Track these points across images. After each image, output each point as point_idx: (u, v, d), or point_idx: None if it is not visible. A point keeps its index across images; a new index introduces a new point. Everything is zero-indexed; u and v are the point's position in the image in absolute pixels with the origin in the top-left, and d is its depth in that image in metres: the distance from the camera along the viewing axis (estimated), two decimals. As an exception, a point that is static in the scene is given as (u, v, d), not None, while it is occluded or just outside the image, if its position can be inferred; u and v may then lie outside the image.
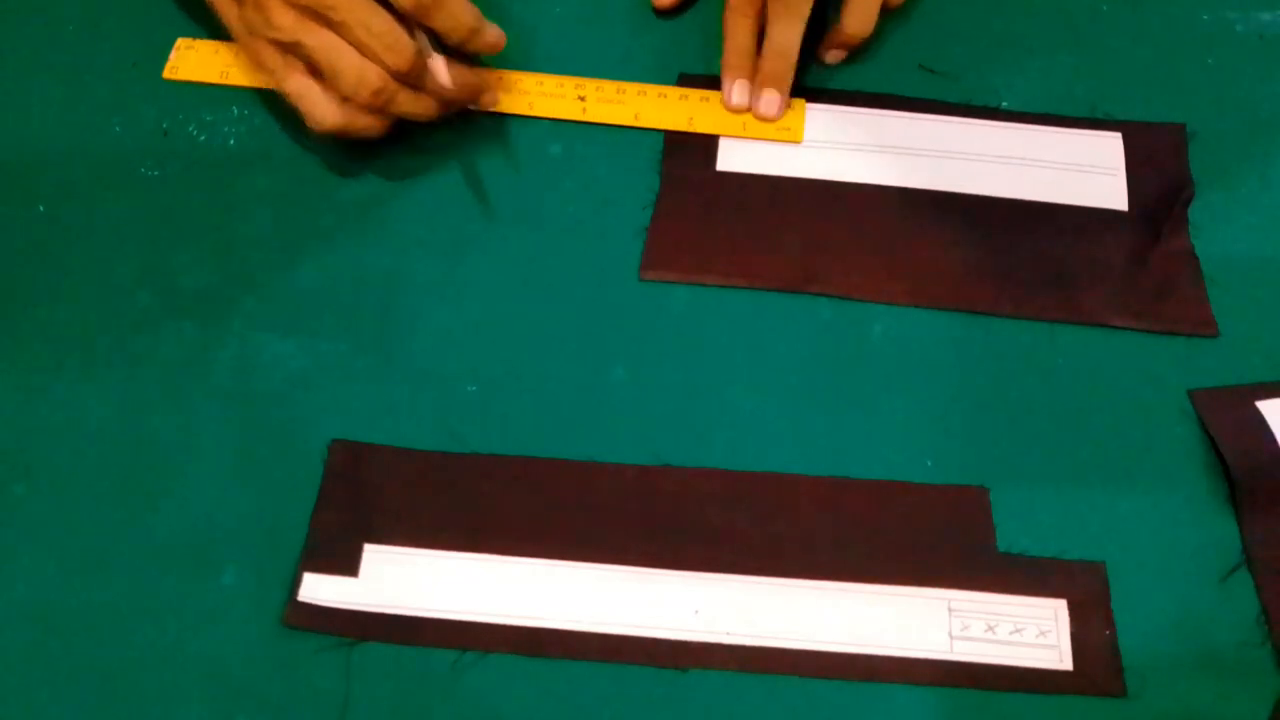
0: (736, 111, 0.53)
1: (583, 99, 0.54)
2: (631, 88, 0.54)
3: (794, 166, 0.53)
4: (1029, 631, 0.42)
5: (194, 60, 0.55)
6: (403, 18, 0.47)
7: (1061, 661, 0.42)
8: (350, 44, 0.47)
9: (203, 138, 0.53)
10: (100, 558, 0.43)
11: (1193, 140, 0.54)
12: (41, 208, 0.51)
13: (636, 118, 0.54)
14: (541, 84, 0.54)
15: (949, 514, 0.45)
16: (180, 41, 0.55)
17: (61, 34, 0.56)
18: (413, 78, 0.48)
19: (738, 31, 0.54)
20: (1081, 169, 0.52)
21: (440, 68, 0.49)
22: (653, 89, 0.54)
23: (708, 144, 0.53)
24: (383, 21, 0.47)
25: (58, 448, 0.46)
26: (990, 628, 0.42)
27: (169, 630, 0.42)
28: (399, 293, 0.49)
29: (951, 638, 0.42)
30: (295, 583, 0.43)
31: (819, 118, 0.54)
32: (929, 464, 0.46)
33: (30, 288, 0.49)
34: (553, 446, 0.46)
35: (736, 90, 0.53)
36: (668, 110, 0.54)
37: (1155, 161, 0.53)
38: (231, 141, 0.53)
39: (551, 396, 0.47)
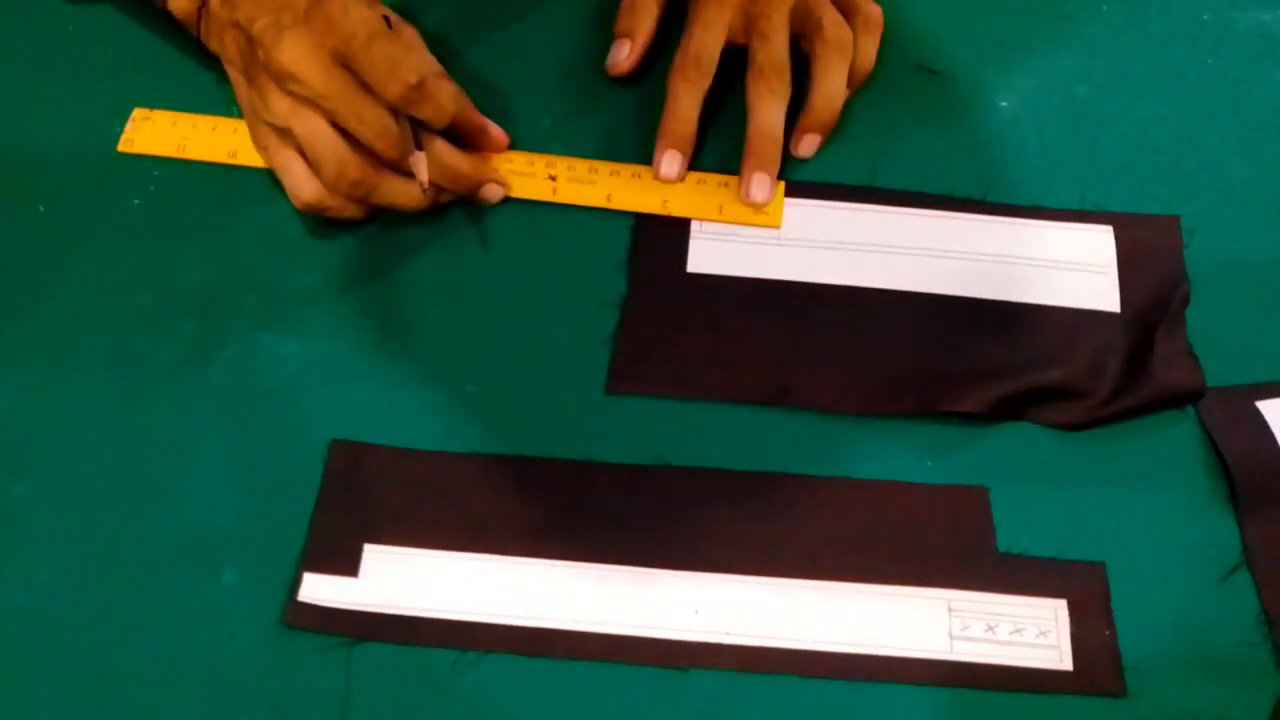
0: (665, 182, 0.51)
1: (554, 179, 0.52)
2: (604, 167, 0.52)
3: (768, 267, 0.50)
4: (1029, 631, 0.42)
5: (150, 132, 0.53)
6: (392, 108, 0.48)
7: (1061, 661, 0.42)
8: (342, 131, 0.47)
9: (203, 138, 0.53)
10: (100, 558, 0.43)
11: (1193, 143, 0.54)
12: (41, 208, 0.51)
13: (609, 199, 0.51)
14: (511, 161, 0.52)
15: (949, 514, 0.45)
16: (137, 112, 0.54)
17: (62, 34, 0.56)
18: (405, 166, 0.48)
19: (681, 98, 0.52)
20: (1071, 267, 0.50)
21: (420, 164, 0.48)
22: (626, 169, 0.52)
23: (679, 240, 0.50)
24: (373, 110, 0.47)
25: (58, 448, 0.46)
26: (990, 628, 0.42)
27: (169, 630, 0.42)
28: (399, 293, 0.49)
29: (951, 638, 0.42)
30: (295, 583, 0.43)
31: (794, 213, 0.51)
32: (929, 464, 0.46)
33: (30, 288, 0.49)
34: (553, 446, 0.46)
35: (666, 160, 0.51)
36: (641, 192, 0.51)
37: (1148, 258, 0.50)
38: (231, 141, 0.53)
39: (551, 396, 0.47)
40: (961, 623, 0.42)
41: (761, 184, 0.51)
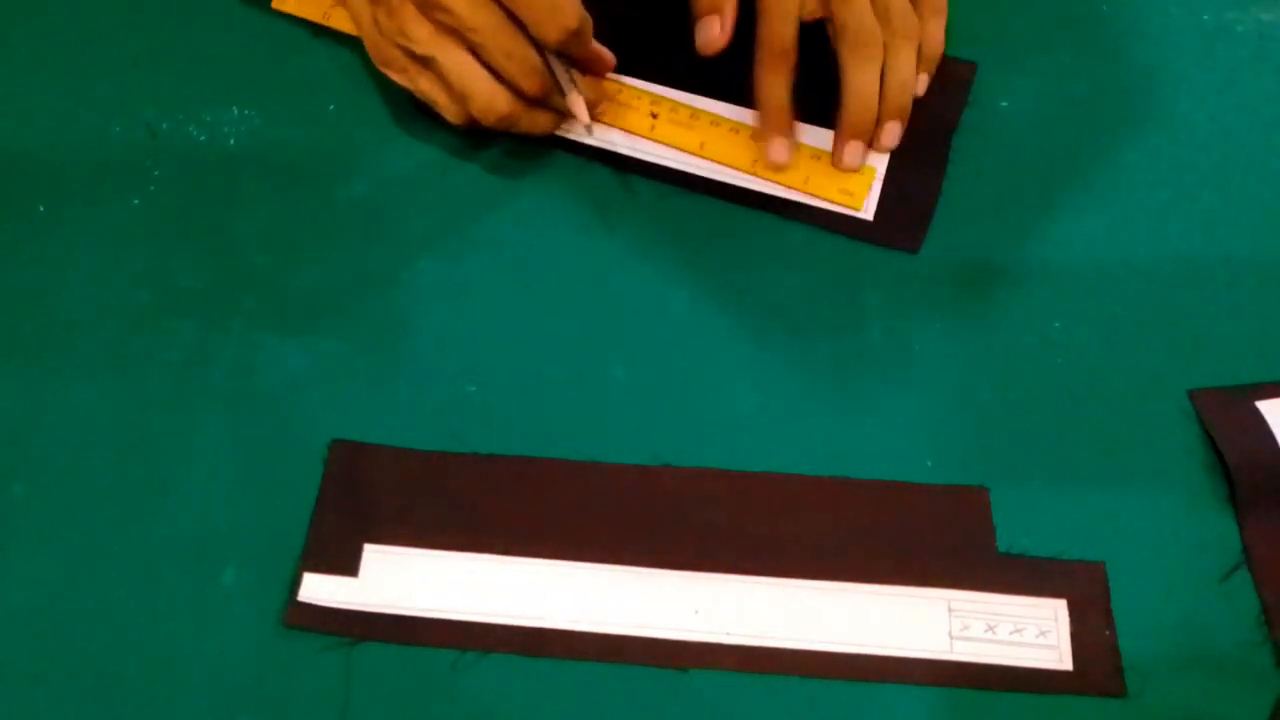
0: (777, 167, 0.52)
1: (655, 115, 0.52)
2: (706, 116, 0.53)
3: None
4: (1029, 631, 0.42)
5: None
6: (535, 41, 0.47)
7: (1061, 661, 0.42)
8: (484, 64, 0.47)
9: (203, 138, 0.53)
10: (100, 558, 0.43)
11: (1193, 143, 0.54)
12: (41, 208, 0.51)
13: (702, 147, 0.52)
14: (620, 92, 0.53)
15: (949, 514, 0.45)
16: None
17: (61, 33, 0.56)
18: (542, 100, 0.49)
19: (773, 90, 0.51)
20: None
21: (582, 108, 0.49)
22: (727, 121, 0.53)
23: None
24: (522, 47, 0.47)
25: (58, 448, 0.46)
26: (990, 628, 0.42)
27: (169, 630, 0.42)
28: (399, 293, 0.49)
29: (951, 638, 0.42)
30: (295, 583, 0.43)
31: None
32: (929, 464, 0.46)
33: (30, 288, 0.49)
34: (553, 446, 0.46)
35: (776, 148, 0.51)
36: (736, 148, 0.52)
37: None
38: (231, 141, 0.53)
39: (551, 396, 0.47)
40: (961, 623, 0.42)
41: (855, 151, 0.52)
